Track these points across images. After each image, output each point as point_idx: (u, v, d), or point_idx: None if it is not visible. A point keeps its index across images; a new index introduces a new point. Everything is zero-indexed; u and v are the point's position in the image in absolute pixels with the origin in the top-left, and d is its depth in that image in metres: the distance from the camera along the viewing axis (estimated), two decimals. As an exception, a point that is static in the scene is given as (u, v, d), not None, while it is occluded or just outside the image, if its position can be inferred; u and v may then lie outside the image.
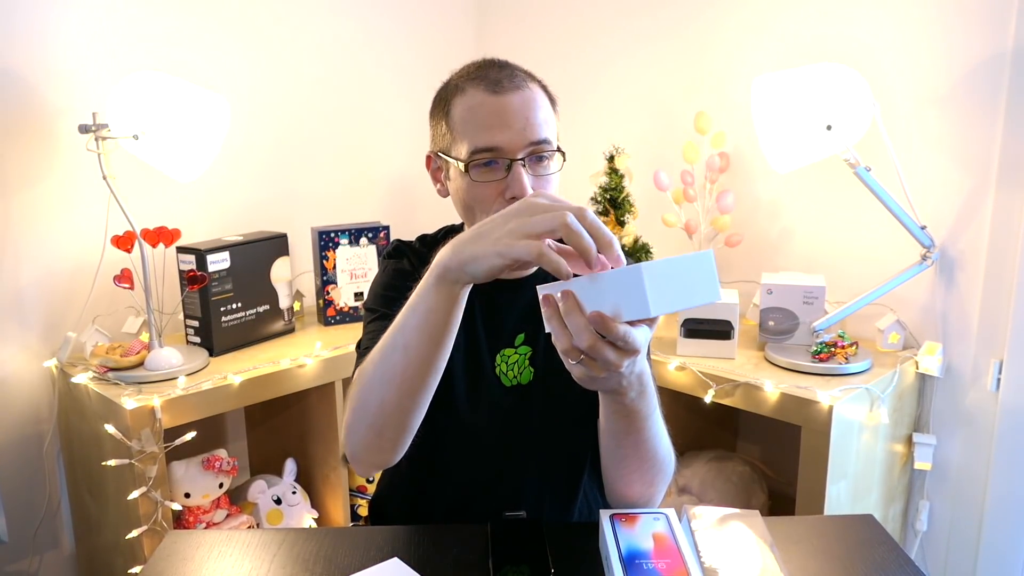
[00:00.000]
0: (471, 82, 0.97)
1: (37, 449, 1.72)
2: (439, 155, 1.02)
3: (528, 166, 0.95)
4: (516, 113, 0.94)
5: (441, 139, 1.01)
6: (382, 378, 0.85)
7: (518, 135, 0.94)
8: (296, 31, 2.03)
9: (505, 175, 0.95)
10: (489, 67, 0.98)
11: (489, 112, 0.95)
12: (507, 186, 0.95)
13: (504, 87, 0.95)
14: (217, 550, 0.92)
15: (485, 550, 0.88)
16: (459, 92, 0.98)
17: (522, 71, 0.99)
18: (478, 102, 0.95)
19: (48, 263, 1.69)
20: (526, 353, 1.06)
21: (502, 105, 0.94)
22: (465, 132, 0.96)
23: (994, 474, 1.62)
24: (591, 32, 2.18)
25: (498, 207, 0.95)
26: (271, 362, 1.65)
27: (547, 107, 0.98)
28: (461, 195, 0.99)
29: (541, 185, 0.97)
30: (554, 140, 0.98)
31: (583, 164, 2.03)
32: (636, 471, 0.94)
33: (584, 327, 0.71)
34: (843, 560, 0.89)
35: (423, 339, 0.82)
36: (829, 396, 1.43)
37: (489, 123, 0.94)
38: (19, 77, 1.60)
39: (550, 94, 1.02)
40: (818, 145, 1.50)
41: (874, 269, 1.71)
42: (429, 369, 0.84)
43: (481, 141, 0.94)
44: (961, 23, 1.56)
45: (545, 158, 0.97)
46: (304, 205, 2.10)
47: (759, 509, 1.21)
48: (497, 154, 0.94)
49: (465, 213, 1.02)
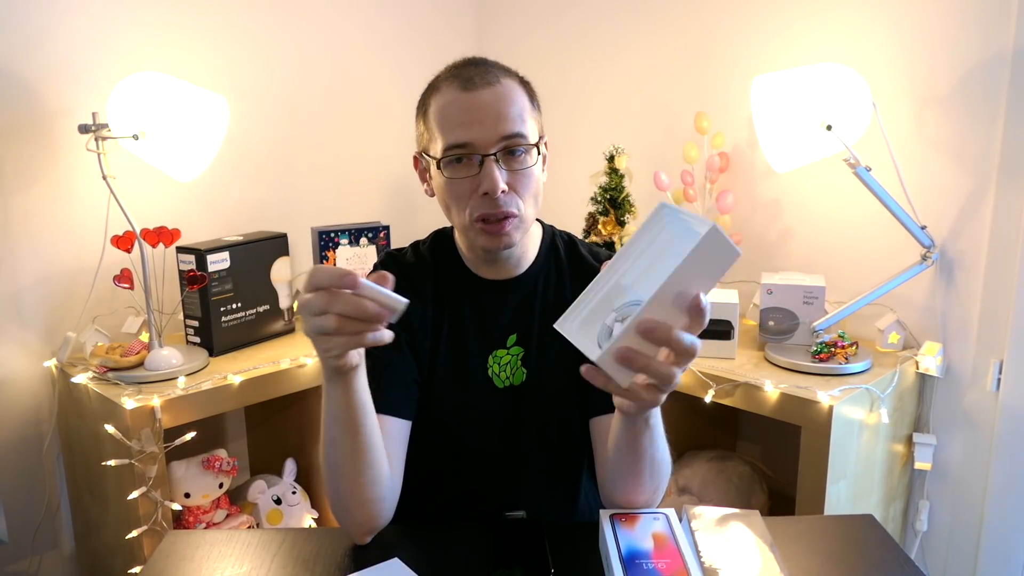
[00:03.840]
0: (446, 81, 0.98)
1: (37, 449, 1.72)
2: (422, 155, 1.03)
3: (502, 161, 0.95)
4: (487, 108, 0.94)
5: (421, 138, 1.02)
6: (333, 472, 0.90)
7: (489, 130, 0.94)
8: (296, 31, 2.03)
9: (478, 171, 0.95)
10: (465, 65, 0.99)
11: (460, 108, 0.95)
12: (480, 182, 0.95)
13: (476, 84, 0.95)
14: (217, 550, 0.92)
15: (485, 550, 0.88)
16: (435, 91, 0.99)
17: (499, 67, 0.99)
18: (450, 99, 0.96)
19: (48, 263, 1.69)
20: (518, 354, 1.06)
21: (473, 101, 0.95)
22: (439, 130, 0.96)
23: (994, 474, 1.62)
24: (591, 32, 2.18)
25: (472, 203, 0.96)
26: (271, 362, 1.65)
27: (522, 102, 0.98)
28: (440, 193, 1.00)
29: (516, 181, 0.96)
30: (530, 134, 0.97)
31: (583, 164, 2.03)
32: (636, 478, 0.94)
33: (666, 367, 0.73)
34: (843, 560, 0.89)
35: (342, 429, 0.86)
36: (829, 396, 1.43)
37: (460, 119, 0.95)
38: (19, 77, 1.60)
39: (529, 89, 1.01)
40: (818, 145, 1.50)
41: (874, 269, 1.71)
42: (361, 447, 0.88)
43: (453, 138, 0.95)
44: (961, 23, 1.56)
45: (519, 152, 0.96)
46: (304, 205, 2.10)
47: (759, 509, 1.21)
48: (469, 150, 0.95)
49: (446, 211, 1.02)
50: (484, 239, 0.98)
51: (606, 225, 1.86)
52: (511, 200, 0.96)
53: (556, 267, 1.09)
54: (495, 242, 0.98)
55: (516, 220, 0.97)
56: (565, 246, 1.11)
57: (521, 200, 0.97)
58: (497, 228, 0.96)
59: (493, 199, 0.95)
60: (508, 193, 0.95)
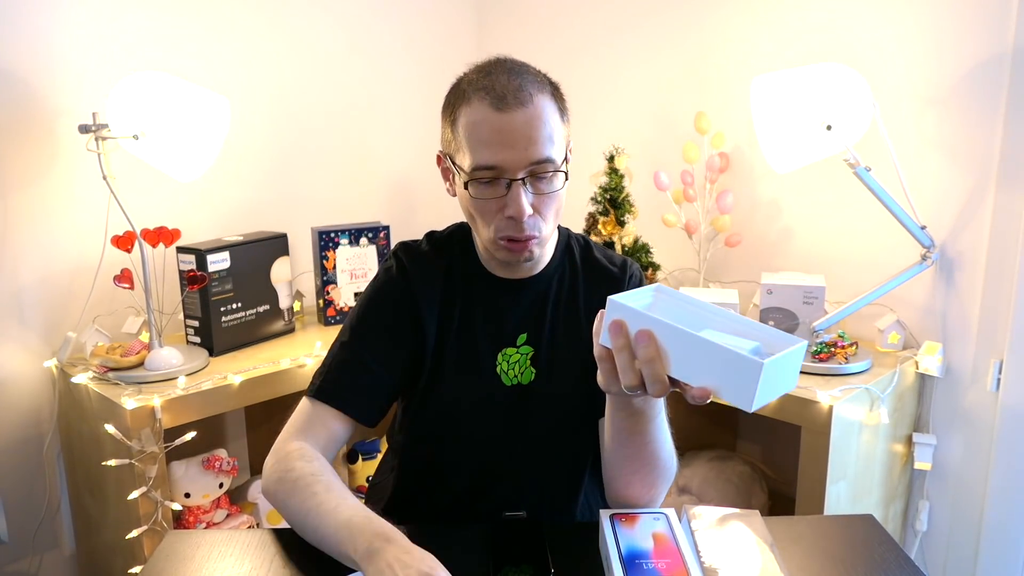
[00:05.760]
0: (477, 93, 0.94)
1: (37, 449, 1.72)
2: (447, 157, 1.02)
3: (529, 184, 0.95)
4: (518, 132, 0.93)
5: (448, 143, 1.01)
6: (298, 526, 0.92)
7: (520, 155, 0.93)
8: (296, 31, 2.03)
9: (505, 193, 0.95)
10: (498, 73, 0.95)
11: (491, 129, 0.93)
12: (506, 204, 0.95)
13: (508, 104, 0.92)
14: (217, 550, 0.92)
15: (485, 550, 0.88)
16: (465, 102, 0.95)
17: (531, 79, 0.96)
18: (481, 117, 0.93)
19: (48, 263, 1.69)
20: (528, 353, 1.06)
21: (505, 123, 0.92)
22: (468, 145, 0.95)
23: (994, 474, 1.62)
24: (591, 32, 2.18)
25: (498, 222, 0.96)
26: (271, 362, 1.65)
27: (553, 121, 0.96)
28: (464, 203, 1.00)
29: (542, 203, 0.96)
30: (558, 156, 0.96)
31: (583, 164, 2.03)
32: (638, 472, 0.95)
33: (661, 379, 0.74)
34: (843, 560, 0.89)
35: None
36: (829, 396, 1.43)
37: (491, 140, 0.93)
38: (19, 77, 1.60)
39: (560, 99, 0.99)
40: (818, 145, 1.50)
41: (874, 269, 1.71)
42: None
43: (482, 159, 0.93)
44: (961, 23, 1.56)
45: (547, 177, 0.96)
46: (304, 205, 2.10)
47: (759, 509, 1.21)
48: (498, 173, 0.94)
49: (469, 219, 1.03)
50: (505, 254, 1.00)
51: (606, 225, 1.86)
52: (535, 223, 0.97)
53: (570, 270, 1.10)
54: (516, 257, 0.99)
55: (538, 239, 0.98)
56: (580, 250, 1.12)
57: (544, 221, 0.98)
58: (520, 247, 0.98)
59: (519, 223, 0.95)
60: (533, 216, 0.96)
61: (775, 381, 0.69)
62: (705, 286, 1.92)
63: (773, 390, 0.69)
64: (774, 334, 0.74)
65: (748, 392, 0.67)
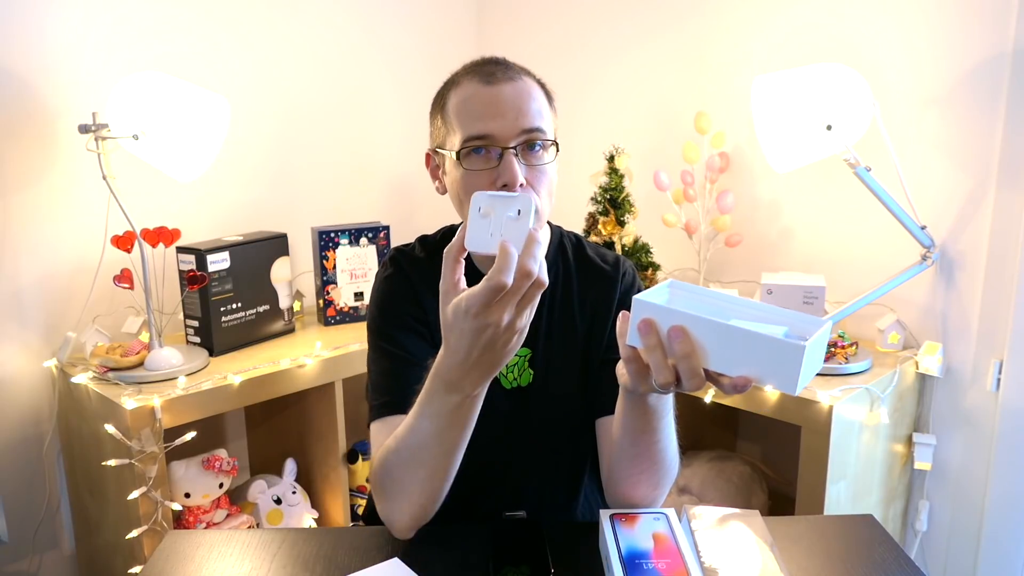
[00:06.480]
0: (466, 76, 0.99)
1: (37, 449, 1.72)
2: (436, 151, 1.03)
3: (521, 155, 0.95)
4: (508, 102, 0.95)
5: (437, 134, 1.02)
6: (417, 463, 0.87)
7: (510, 123, 0.94)
8: (296, 31, 2.03)
9: (497, 163, 0.95)
10: (485, 62, 1.00)
11: (482, 101, 0.95)
12: (498, 174, 0.95)
13: (497, 78, 0.96)
14: (217, 550, 0.92)
15: (485, 550, 0.88)
16: (454, 86, 1.00)
17: (518, 67, 1.01)
18: (471, 92, 0.96)
19: (48, 263, 1.69)
20: (525, 355, 1.06)
21: (494, 94, 0.95)
22: (458, 122, 0.97)
23: (994, 474, 1.62)
24: (591, 32, 2.18)
25: None
26: (271, 362, 1.65)
27: (542, 100, 0.99)
28: (455, 187, 0.99)
29: (534, 177, 0.96)
30: (549, 131, 0.98)
31: (583, 164, 2.03)
32: (646, 472, 0.94)
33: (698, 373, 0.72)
34: (843, 560, 0.89)
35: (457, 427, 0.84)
36: (829, 396, 1.43)
37: (481, 112, 0.95)
38: (19, 77, 1.60)
39: (547, 90, 1.02)
40: (818, 145, 1.50)
41: (874, 269, 1.71)
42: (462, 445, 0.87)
43: (473, 129, 0.95)
44: (961, 23, 1.56)
45: (538, 147, 0.97)
46: (304, 205, 2.10)
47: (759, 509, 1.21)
48: (489, 142, 0.95)
49: (459, 206, 1.02)
50: None
51: (606, 225, 1.86)
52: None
53: (564, 268, 1.09)
54: None
55: None
56: (573, 247, 1.12)
57: (538, 196, 0.97)
58: None
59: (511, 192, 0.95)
60: (526, 187, 0.95)
61: (812, 362, 0.70)
62: (705, 286, 1.91)
63: (811, 371, 0.70)
64: (796, 316, 0.75)
65: (792, 376, 0.68)
